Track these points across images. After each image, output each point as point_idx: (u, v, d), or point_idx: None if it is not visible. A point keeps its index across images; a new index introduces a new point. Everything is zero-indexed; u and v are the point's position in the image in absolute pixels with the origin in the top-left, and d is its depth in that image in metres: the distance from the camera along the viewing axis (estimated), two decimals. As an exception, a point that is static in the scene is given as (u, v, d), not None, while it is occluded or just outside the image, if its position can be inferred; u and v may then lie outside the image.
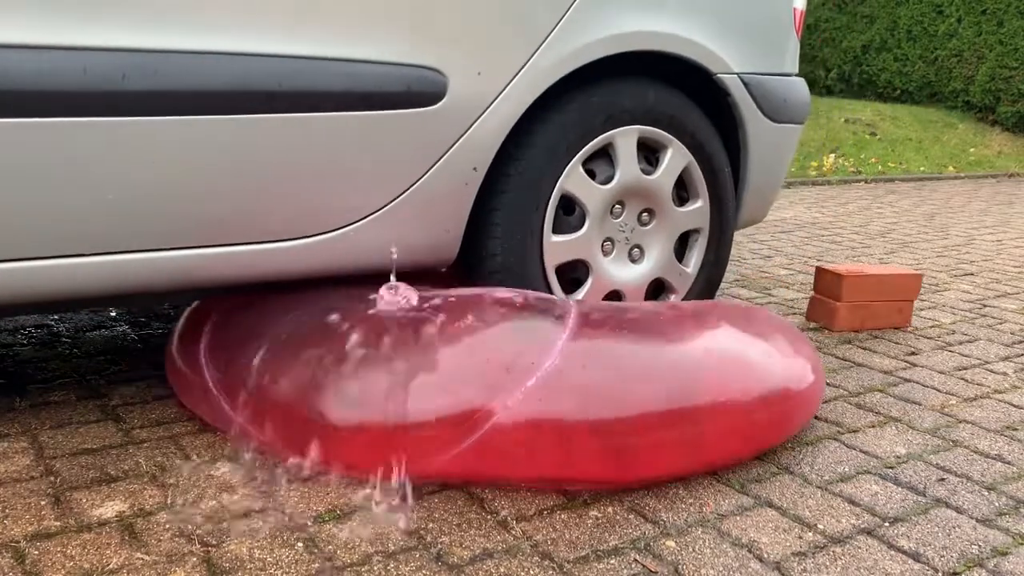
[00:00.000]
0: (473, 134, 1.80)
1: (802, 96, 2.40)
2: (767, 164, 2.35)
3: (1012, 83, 9.72)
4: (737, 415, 1.60)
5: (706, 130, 2.16)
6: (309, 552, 1.29)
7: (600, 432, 1.48)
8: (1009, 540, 1.44)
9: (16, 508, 1.37)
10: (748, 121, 2.24)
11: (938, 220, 5.15)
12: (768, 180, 2.40)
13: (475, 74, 1.77)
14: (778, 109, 2.29)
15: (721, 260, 2.33)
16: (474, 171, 1.83)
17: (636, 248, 2.16)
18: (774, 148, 2.35)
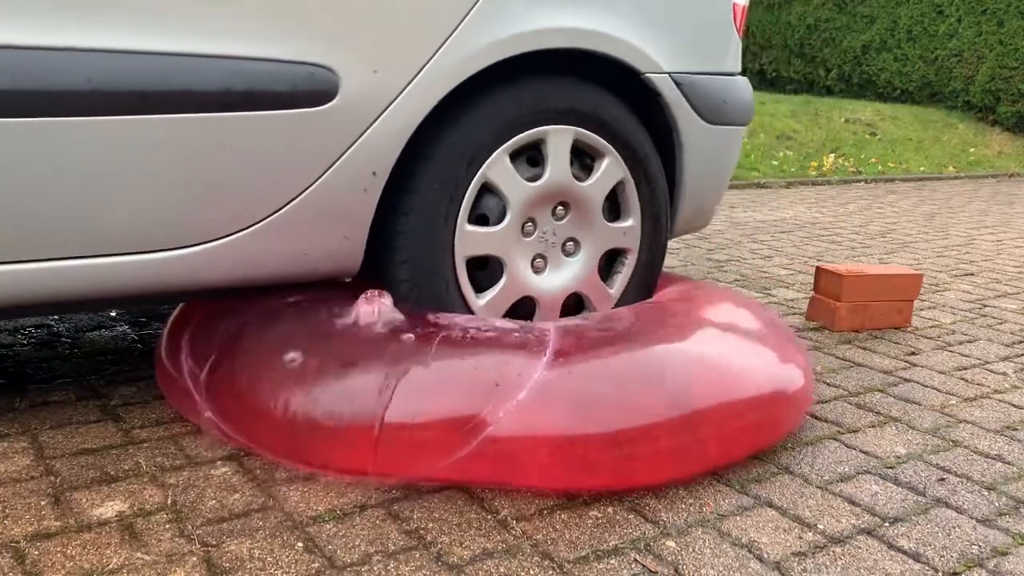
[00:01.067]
0: (371, 136, 1.68)
1: (744, 97, 2.26)
2: (705, 169, 2.21)
3: (1012, 83, 9.72)
4: (731, 420, 1.60)
5: (638, 134, 2.04)
6: (309, 552, 1.29)
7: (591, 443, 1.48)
8: (1009, 540, 1.44)
9: (16, 508, 1.37)
10: (682, 123, 2.09)
11: (938, 220, 5.15)
12: (707, 186, 2.25)
13: (371, 72, 1.65)
14: (716, 111, 2.15)
15: (649, 285, 2.18)
16: (374, 175, 1.71)
17: (558, 256, 2.02)
18: (712, 152, 2.20)
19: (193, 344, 1.76)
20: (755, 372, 1.71)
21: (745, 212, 5.04)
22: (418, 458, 1.47)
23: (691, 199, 2.22)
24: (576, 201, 1.99)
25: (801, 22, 11.45)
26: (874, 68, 10.88)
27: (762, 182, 6.24)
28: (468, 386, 1.52)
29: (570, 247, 2.03)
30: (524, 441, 1.47)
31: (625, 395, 1.55)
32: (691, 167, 2.17)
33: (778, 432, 1.70)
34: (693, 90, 2.09)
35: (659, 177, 2.10)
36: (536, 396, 1.50)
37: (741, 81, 2.27)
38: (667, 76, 2.03)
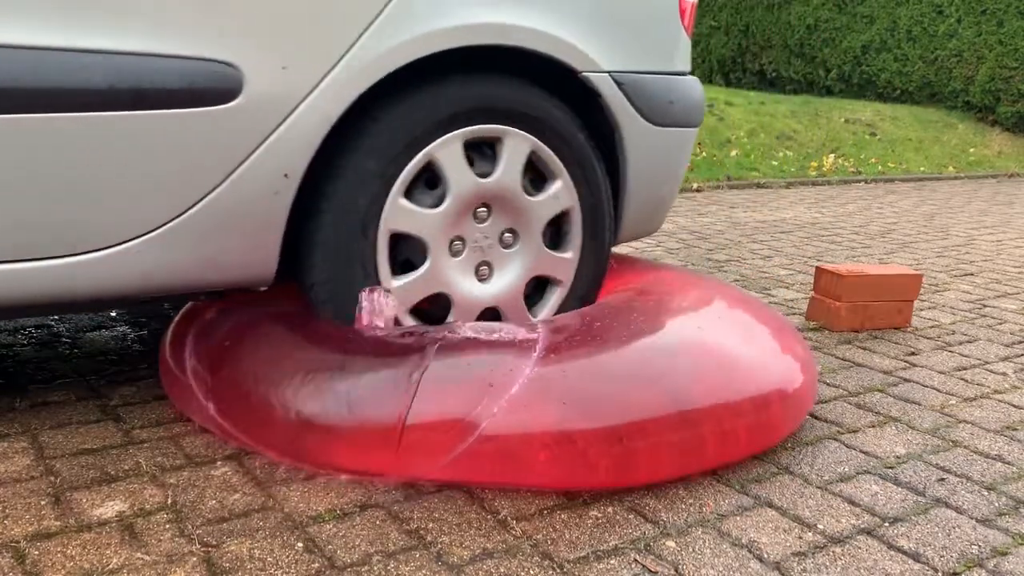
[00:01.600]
0: (281, 136, 1.58)
1: (692, 97, 2.16)
2: (652, 173, 2.11)
3: (1012, 83, 9.72)
4: (731, 418, 1.60)
5: (579, 138, 1.95)
6: (309, 552, 1.29)
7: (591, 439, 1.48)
8: (1009, 540, 1.44)
9: (16, 508, 1.37)
10: (624, 125, 1.99)
11: (938, 220, 5.15)
12: (655, 190, 2.15)
13: (279, 69, 1.56)
14: (662, 112, 2.06)
15: (592, 289, 2.07)
16: (285, 178, 1.61)
17: (485, 266, 1.92)
18: (659, 155, 2.10)
19: (197, 343, 1.76)
20: (753, 369, 1.71)
21: (745, 212, 5.04)
22: (435, 456, 1.47)
23: (636, 205, 2.13)
24: (520, 215, 1.91)
25: (801, 22, 11.45)
26: (874, 68, 10.89)
27: (762, 182, 6.24)
28: (471, 384, 1.52)
29: (500, 262, 1.93)
30: (518, 437, 1.47)
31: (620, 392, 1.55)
32: (636, 171, 2.07)
33: (779, 432, 1.70)
34: (636, 90, 2.00)
35: (599, 179, 2.01)
36: (527, 392, 1.50)
37: (690, 81, 2.18)
38: (607, 75, 1.94)
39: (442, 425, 1.47)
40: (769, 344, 1.84)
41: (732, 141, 7.43)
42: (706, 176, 6.06)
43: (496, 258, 1.93)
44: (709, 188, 5.86)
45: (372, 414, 1.49)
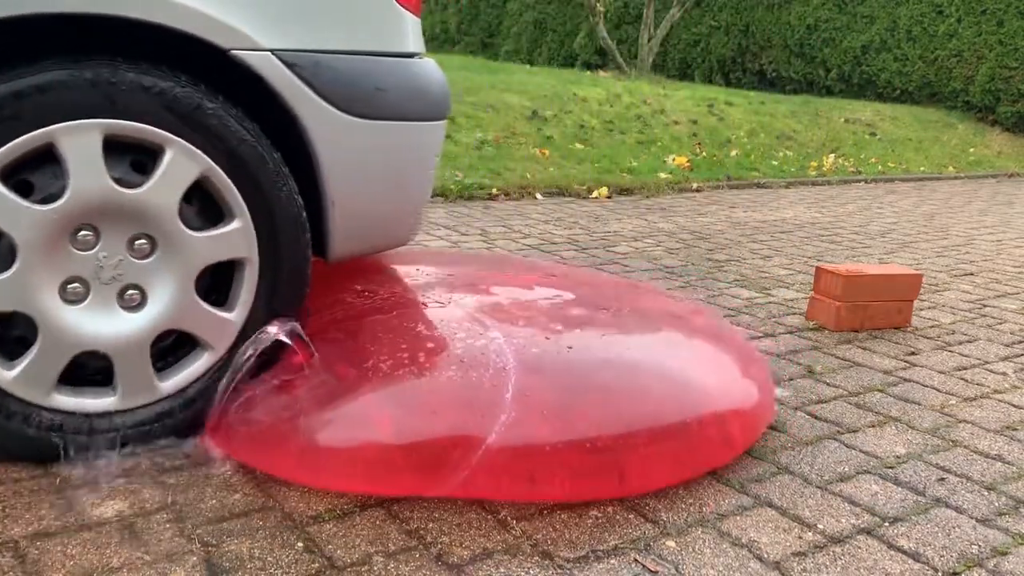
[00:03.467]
0: None
1: (419, 83, 1.77)
2: (366, 175, 1.72)
3: (1012, 83, 9.72)
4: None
5: (228, 128, 1.55)
6: (309, 552, 1.29)
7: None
8: (1009, 540, 1.44)
9: (16, 508, 1.37)
10: (306, 116, 1.60)
11: (938, 220, 5.15)
12: (379, 195, 1.76)
13: None
14: (364, 100, 1.67)
15: (289, 301, 1.67)
16: None
17: (132, 290, 1.53)
18: (372, 153, 1.71)
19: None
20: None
21: (745, 212, 5.04)
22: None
23: (353, 213, 1.73)
24: (136, 214, 1.50)
25: (801, 22, 11.45)
26: (874, 68, 10.88)
27: (762, 182, 6.24)
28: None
29: (143, 274, 1.54)
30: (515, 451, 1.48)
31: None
32: (339, 174, 1.68)
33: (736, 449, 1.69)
34: (319, 73, 1.61)
35: (269, 172, 1.60)
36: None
37: (415, 64, 1.78)
38: (269, 54, 1.56)
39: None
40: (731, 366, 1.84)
41: (732, 141, 7.43)
42: (706, 176, 6.06)
43: (139, 276, 1.54)
44: (709, 188, 5.87)
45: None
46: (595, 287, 2.23)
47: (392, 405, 1.55)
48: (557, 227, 4.11)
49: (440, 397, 1.56)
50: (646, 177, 5.72)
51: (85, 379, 1.56)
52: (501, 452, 1.46)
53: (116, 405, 1.55)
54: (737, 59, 12.18)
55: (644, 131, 7.12)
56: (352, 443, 1.50)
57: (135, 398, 1.56)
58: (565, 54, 14.18)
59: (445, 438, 1.48)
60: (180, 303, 1.55)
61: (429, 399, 1.55)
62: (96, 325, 1.50)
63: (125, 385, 1.54)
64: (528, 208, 4.64)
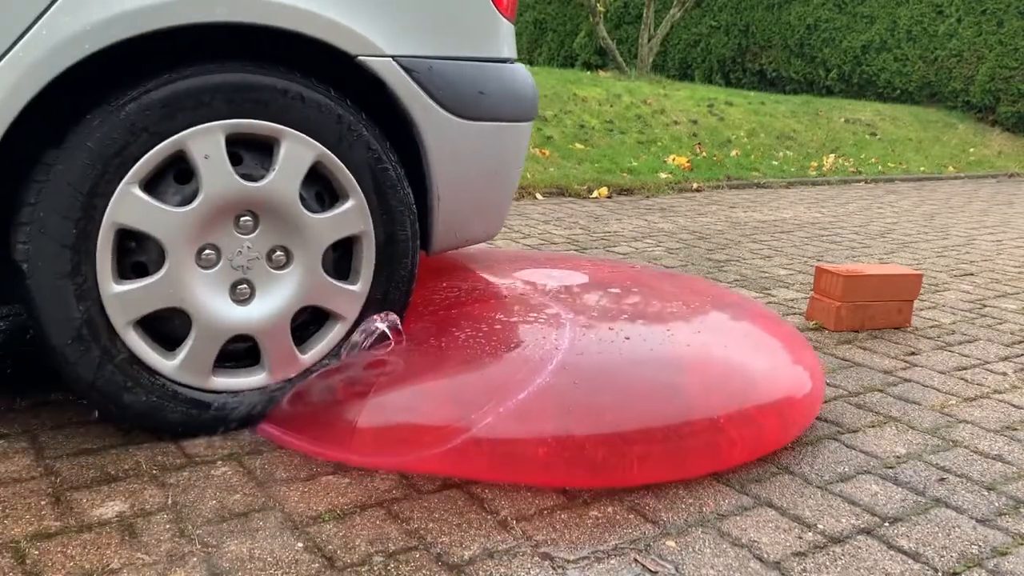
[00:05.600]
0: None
1: (514, 87, 1.89)
2: (468, 173, 1.84)
3: (1012, 83, 9.72)
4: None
5: (364, 147, 1.69)
6: (309, 552, 1.29)
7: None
8: (1009, 540, 1.44)
9: (16, 508, 1.37)
10: (420, 118, 1.73)
11: (938, 220, 5.15)
12: (476, 192, 1.88)
13: None
14: (470, 103, 1.79)
15: (405, 274, 1.80)
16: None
17: (244, 285, 1.66)
18: (475, 152, 1.83)
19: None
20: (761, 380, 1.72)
21: (745, 212, 5.04)
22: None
23: (453, 209, 1.85)
24: (261, 206, 1.63)
25: (801, 22, 11.45)
26: (874, 68, 10.88)
27: (762, 182, 6.24)
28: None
29: (279, 258, 1.67)
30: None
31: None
32: (445, 171, 1.80)
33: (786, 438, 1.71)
34: (432, 78, 1.73)
35: (389, 173, 1.73)
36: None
37: (509, 69, 1.91)
38: (390, 60, 1.68)
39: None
40: (785, 355, 1.85)
41: (732, 141, 7.43)
42: (706, 176, 6.06)
43: (260, 278, 1.67)
44: (709, 188, 5.86)
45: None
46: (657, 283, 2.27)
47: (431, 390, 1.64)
48: (557, 227, 4.11)
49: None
50: (646, 177, 5.72)
51: (236, 361, 1.70)
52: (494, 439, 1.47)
53: (267, 381, 1.70)
54: (737, 59, 12.18)
55: (644, 131, 7.12)
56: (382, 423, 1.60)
57: (283, 372, 1.71)
58: (565, 54, 14.18)
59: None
60: (311, 281, 1.69)
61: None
62: (240, 311, 1.64)
63: (272, 362, 1.69)
64: (528, 208, 4.64)
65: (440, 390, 1.63)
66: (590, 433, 1.52)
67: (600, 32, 10.78)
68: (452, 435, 1.51)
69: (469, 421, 1.52)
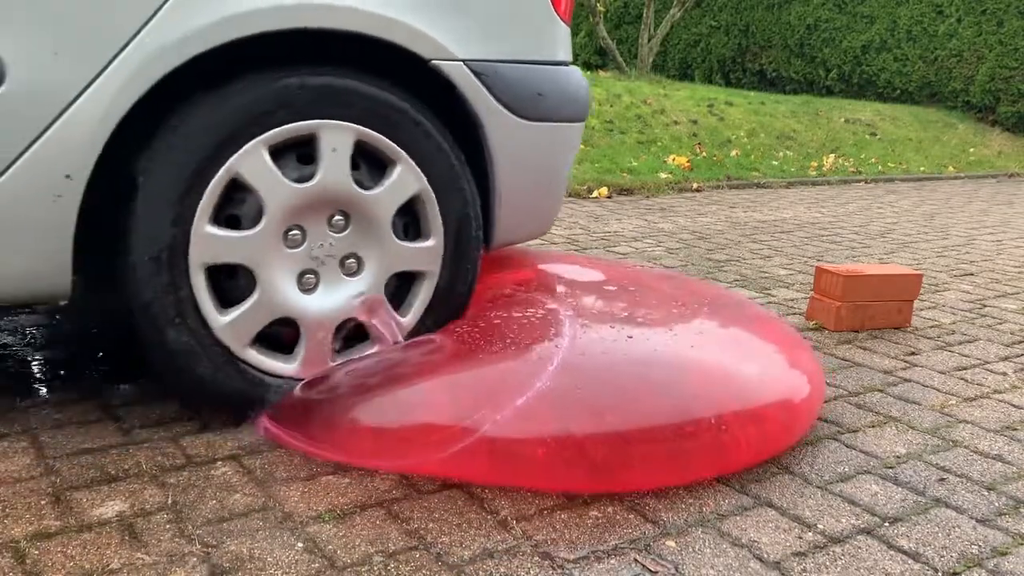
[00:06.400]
0: (59, 133, 1.41)
1: (570, 89, 1.98)
2: (526, 171, 1.92)
3: (1012, 83, 9.72)
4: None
5: (431, 133, 1.75)
6: (309, 552, 1.29)
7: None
8: (1009, 540, 1.44)
9: (16, 508, 1.37)
10: (487, 119, 1.81)
11: (938, 220, 5.15)
12: (533, 189, 1.97)
13: (50, 55, 1.37)
14: (531, 104, 1.87)
15: (455, 306, 1.88)
16: (67, 179, 1.44)
17: (333, 274, 1.74)
18: (533, 152, 1.91)
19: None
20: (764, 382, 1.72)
21: (745, 212, 5.04)
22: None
23: (512, 205, 1.94)
24: (360, 212, 1.72)
25: (801, 22, 11.45)
26: (874, 68, 10.88)
27: (762, 182, 6.24)
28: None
29: (351, 265, 1.76)
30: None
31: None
32: (505, 168, 1.88)
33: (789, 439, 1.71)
34: (498, 80, 1.81)
35: (461, 179, 1.82)
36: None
37: (566, 71, 1.99)
38: (461, 64, 1.76)
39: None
40: (782, 356, 1.85)
41: (732, 141, 7.43)
42: (706, 176, 6.06)
43: (344, 267, 1.75)
44: (709, 188, 5.86)
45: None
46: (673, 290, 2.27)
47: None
48: (557, 227, 4.11)
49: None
50: (646, 177, 5.72)
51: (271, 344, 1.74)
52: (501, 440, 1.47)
53: (296, 372, 1.72)
54: (737, 59, 12.18)
55: (644, 131, 7.12)
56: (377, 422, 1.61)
57: (313, 368, 1.73)
58: (565, 54, 14.16)
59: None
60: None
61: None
62: (299, 296, 1.70)
63: (307, 354, 1.72)
64: (528, 208, 4.63)
65: (440, 389, 1.63)
66: (592, 433, 1.52)
67: (600, 32, 10.78)
68: (455, 438, 1.52)
69: (473, 423, 1.52)
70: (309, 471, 1.53)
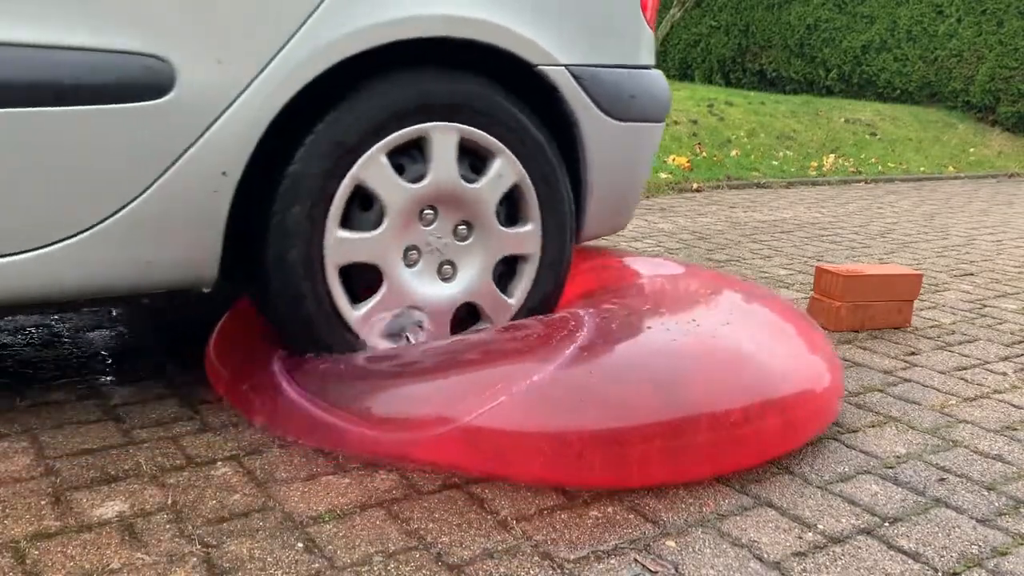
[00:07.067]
0: (218, 132, 1.54)
1: (656, 91, 2.12)
2: (615, 168, 2.06)
3: (1012, 83, 9.72)
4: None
5: (534, 133, 1.88)
6: (309, 552, 1.29)
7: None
8: (1009, 540, 1.44)
9: (16, 508, 1.37)
10: (583, 120, 1.94)
11: (938, 220, 5.15)
12: (619, 186, 2.11)
13: (214, 63, 1.52)
14: (623, 106, 2.00)
15: (554, 289, 2.02)
16: (224, 176, 1.57)
17: (447, 265, 1.87)
18: (622, 150, 2.05)
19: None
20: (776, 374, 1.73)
21: (745, 212, 5.04)
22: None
23: (601, 200, 2.08)
24: (466, 204, 1.85)
25: (801, 22, 11.45)
26: (874, 68, 10.88)
27: (762, 182, 6.24)
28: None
29: (461, 256, 1.89)
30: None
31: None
32: (597, 166, 2.02)
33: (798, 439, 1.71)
34: (595, 84, 1.95)
35: (558, 174, 1.95)
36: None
37: (652, 74, 2.13)
38: (563, 69, 1.89)
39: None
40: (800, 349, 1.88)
41: (732, 141, 7.43)
42: (706, 176, 6.06)
43: (455, 254, 1.88)
44: (709, 188, 5.86)
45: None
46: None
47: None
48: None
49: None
50: (646, 177, 5.71)
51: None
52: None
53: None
54: (737, 59, 12.18)
55: (644, 131, 7.11)
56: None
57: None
58: (565, 54, 14.17)
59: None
60: (479, 283, 1.90)
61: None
62: (420, 287, 1.83)
63: (430, 339, 1.84)
64: (528, 208, 4.63)
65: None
66: (604, 428, 1.52)
67: (600, 32, 10.77)
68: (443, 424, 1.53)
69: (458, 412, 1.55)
70: (309, 471, 1.53)
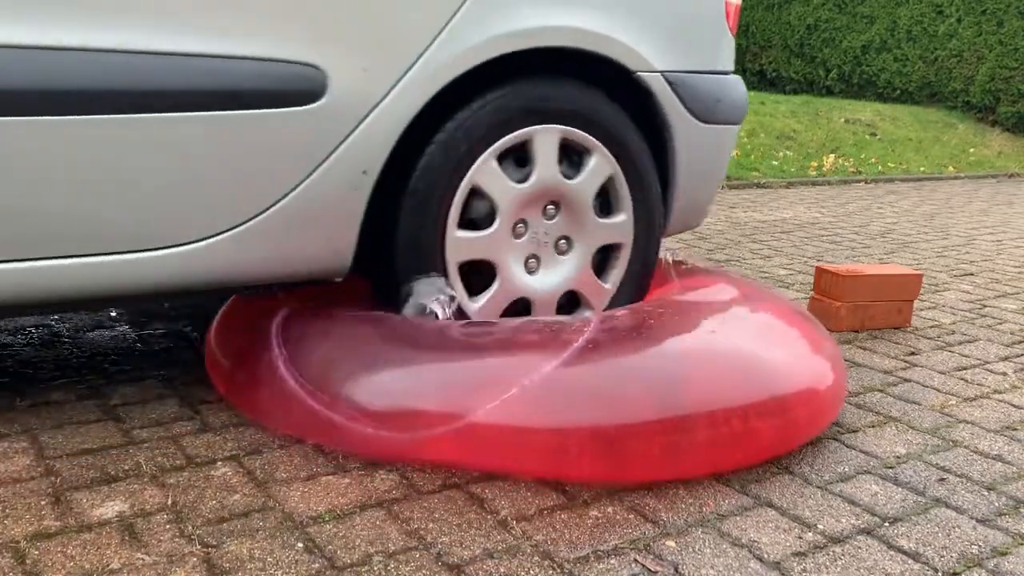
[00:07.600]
0: (360, 135, 1.68)
1: (737, 96, 2.26)
2: (699, 168, 2.20)
3: (1012, 83, 9.71)
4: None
5: (629, 133, 2.02)
6: (309, 552, 1.29)
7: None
8: (1009, 540, 1.44)
9: (16, 508, 1.37)
10: (675, 123, 2.08)
11: (938, 220, 5.15)
12: (701, 185, 2.25)
13: (360, 71, 1.65)
14: (709, 110, 2.15)
15: (644, 277, 2.17)
16: (364, 175, 1.71)
17: (552, 256, 2.02)
18: (706, 151, 2.20)
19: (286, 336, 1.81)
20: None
21: (745, 212, 5.04)
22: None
23: (685, 197, 2.21)
24: (566, 199, 1.97)
25: (801, 22, 11.45)
26: (874, 68, 10.88)
27: (762, 182, 6.24)
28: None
29: (563, 245, 2.02)
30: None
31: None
32: (684, 166, 2.15)
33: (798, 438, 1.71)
34: (685, 89, 2.08)
35: (650, 172, 2.08)
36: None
37: (734, 80, 2.27)
38: (659, 75, 2.02)
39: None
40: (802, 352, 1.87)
41: (732, 141, 7.43)
42: (706, 176, 6.05)
43: (559, 245, 2.03)
44: (709, 188, 5.86)
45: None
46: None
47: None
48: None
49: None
50: (646, 177, 5.71)
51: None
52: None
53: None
54: (737, 59, 12.17)
55: (644, 131, 7.11)
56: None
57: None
58: (565, 54, 14.16)
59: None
60: (581, 271, 2.04)
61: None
62: (529, 279, 1.98)
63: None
64: (528, 208, 4.63)
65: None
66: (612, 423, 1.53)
67: (600, 32, 10.77)
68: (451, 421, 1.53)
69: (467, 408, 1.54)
70: (309, 471, 1.53)
